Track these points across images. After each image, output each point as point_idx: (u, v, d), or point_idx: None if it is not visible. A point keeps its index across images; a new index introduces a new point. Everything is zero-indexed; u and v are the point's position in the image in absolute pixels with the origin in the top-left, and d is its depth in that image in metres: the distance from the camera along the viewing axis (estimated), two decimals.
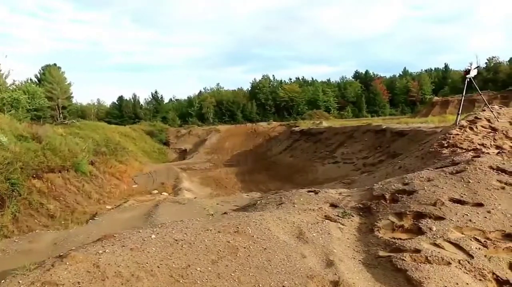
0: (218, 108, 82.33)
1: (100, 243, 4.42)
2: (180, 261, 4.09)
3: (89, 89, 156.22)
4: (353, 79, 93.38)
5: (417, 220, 5.11)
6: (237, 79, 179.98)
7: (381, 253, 4.57)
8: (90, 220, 11.76)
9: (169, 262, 4.04)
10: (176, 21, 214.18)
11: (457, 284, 3.83)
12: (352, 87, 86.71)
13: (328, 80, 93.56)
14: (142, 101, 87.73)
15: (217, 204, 11.60)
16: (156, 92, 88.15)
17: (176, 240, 4.49)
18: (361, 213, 5.77)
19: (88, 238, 7.73)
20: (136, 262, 3.95)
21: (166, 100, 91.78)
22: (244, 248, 4.48)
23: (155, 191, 19.52)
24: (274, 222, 5.14)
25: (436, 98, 63.06)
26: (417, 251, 4.41)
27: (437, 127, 17.28)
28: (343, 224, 5.39)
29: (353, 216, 5.68)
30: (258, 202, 7.22)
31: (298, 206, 6.09)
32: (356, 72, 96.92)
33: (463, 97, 12.76)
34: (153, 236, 4.57)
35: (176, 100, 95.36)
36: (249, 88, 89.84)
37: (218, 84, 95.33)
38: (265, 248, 4.50)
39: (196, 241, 4.51)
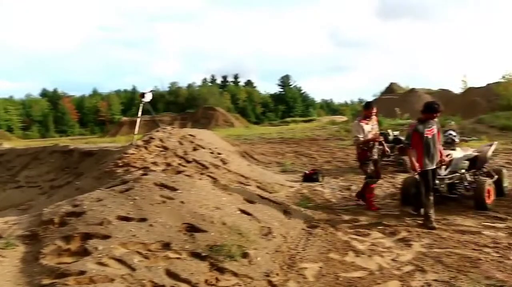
0: None
1: None
2: None
3: None
4: (40, 97, 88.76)
5: (84, 241, 5.12)
6: None
7: (45, 281, 4.40)
8: None
9: None
10: None
11: None
12: (38, 106, 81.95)
13: (11, 97, 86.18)
14: None
15: None
16: None
17: None
18: (27, 241, 5.42)
19: None
20: None
21: None
22: None
23: None
24: None
25: (124, 118, 65.53)
26: (82, 272, 4.43)
27: (124, 146, 17.81)
28: (4, 257, 4.96)
29: (17, 245, 5.29)
30: None
31: None
32: (44, 90, 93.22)
33: (138, 119, 13.67)
34: None
35: None
36: None
37: None
38: None
39: None
